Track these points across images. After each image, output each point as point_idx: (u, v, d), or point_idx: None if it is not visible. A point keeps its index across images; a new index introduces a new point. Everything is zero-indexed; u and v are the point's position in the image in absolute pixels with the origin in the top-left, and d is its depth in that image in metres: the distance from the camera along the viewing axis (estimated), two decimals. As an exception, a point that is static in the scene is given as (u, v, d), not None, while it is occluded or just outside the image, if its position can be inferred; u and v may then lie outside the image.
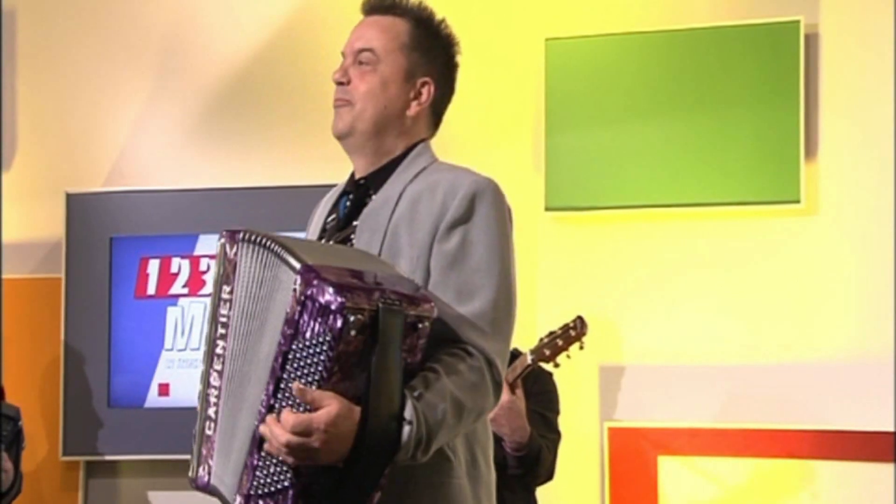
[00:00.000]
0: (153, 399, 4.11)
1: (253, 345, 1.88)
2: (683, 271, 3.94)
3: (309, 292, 1.73)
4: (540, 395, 3.25)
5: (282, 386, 1.78)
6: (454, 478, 1.94)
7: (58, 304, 4.19)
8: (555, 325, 3.25)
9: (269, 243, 1.87)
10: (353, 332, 1.72)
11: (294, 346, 1.76)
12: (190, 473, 2.00)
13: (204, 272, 4.11)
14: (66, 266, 4.20)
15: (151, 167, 4.36)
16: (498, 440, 3.05)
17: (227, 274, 1.96)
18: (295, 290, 1.75)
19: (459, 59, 2.20)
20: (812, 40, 3.88)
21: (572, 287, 3.98)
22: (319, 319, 1.72)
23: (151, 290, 4.14)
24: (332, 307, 1.71)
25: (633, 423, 3.92)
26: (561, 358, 3.18)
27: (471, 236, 1.98)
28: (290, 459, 1.76)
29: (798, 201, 3.81)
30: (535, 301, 3.93)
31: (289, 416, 1.74)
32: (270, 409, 1.79)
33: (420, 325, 1.79)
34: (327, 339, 1.73)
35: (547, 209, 4.00)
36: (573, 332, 3.16)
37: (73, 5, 4.47)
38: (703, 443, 3.82)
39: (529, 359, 3.12)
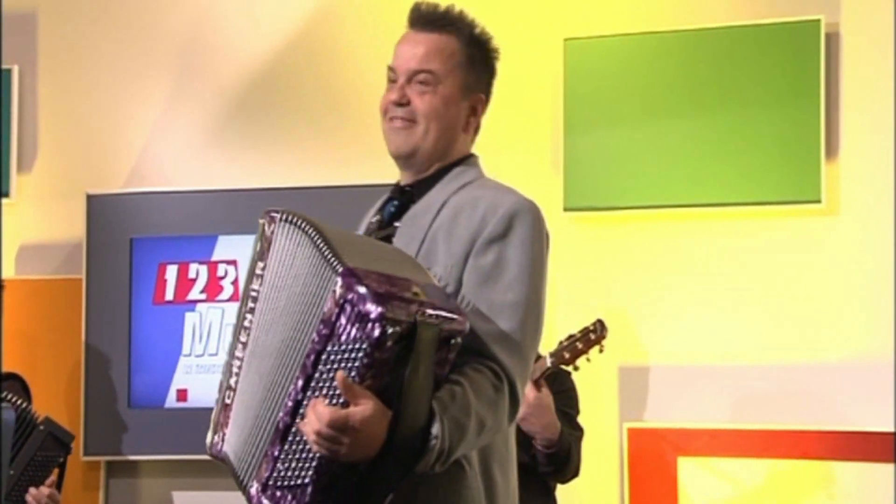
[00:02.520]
0: (173, 402, 4.13)
1: (277, 321, 1.93)
2: (703, 271, 3.92)
3: (350, 297, 1.77)
4: (560, 394, 3.25)
5: (312, 384, 1.82)
6: (467, 487, 1.96)
7: (79, 304, 4.20)
8: (574, 326, 3.25)
9: (307, 228, 1.92)
10: (389, 343, 1.76)
11: (329, 348, 1.80)
12: (206, 440, 2.06)
13: (221, 278, 4.13)
14: (87, 267, 4.22)
15: (171, 168, 4.38)
16: (528, 440, 3.06)
17: (262, 250, 2.02)
18: (335, 291, 1.79)
19: (498, 66, 2.24)
20: (833, 39, 3.87)
21: (591, 287, 3.97)
22: (357, 325, 1.76)
23: (170, 296, 4.16)
24: (372, 316, 1.75)
25: (653, 423, 3.91)
26: (580, 361, 3.18)
27: (506, 255, 2.00)
28: (318, 449, 1.79)
29: (819, 201, 3.79)
30: (554, 301, 3.91)
31: (325, 410, 1.77)
32: (298, 404, 1.82)
33: (452, 341, 1.84)
34: (363, 346, 1.76)
35: (566, 209, 4.00)
36: (593, 336, 3.16)
37: (94, 7, 4.49)
38: (723, 444, 3.81)
39: (549, 362, 3.13)
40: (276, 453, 1.85)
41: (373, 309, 1.75)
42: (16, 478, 3.20)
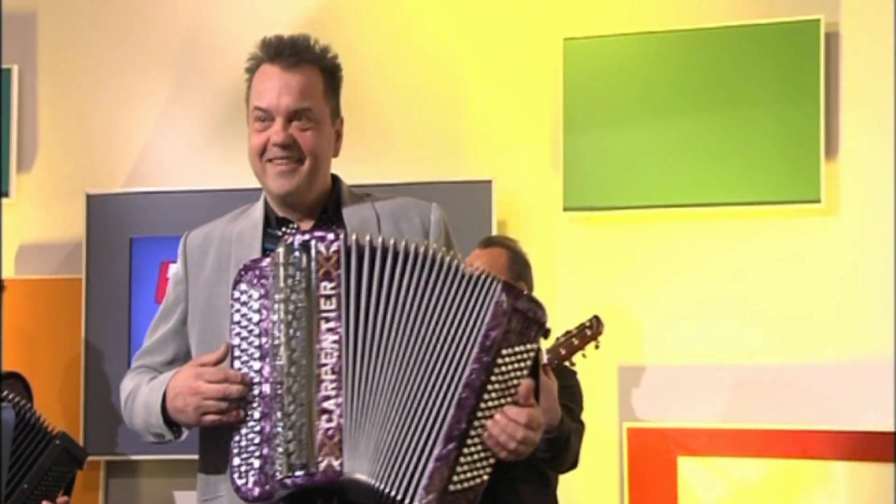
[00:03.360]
0: (173, 401, 4.12)
1: (401, 341, 1.99)
2: (702, 271, 3.93)
3: (518, 305, 2.00)
4: (563, 390, 3.26)
5: (489, 389, 1.98)
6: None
7: (79, 304, 4.21)
8: (572, 325, 3.25)
9: (423, 250, 2.04)
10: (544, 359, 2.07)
11: (503, 354, 1.98)
12: (281, 468, 1.95)
13: (223, 277, 4.12)
14: (87, 266, 4.22)
15: (171, 168, 4.38)
16: None
17: (326, 271, 2.00)
18: (501, 302, 1.99)
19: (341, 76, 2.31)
20: (832, 39, 3.87)
21: (591, 287, 3.97)
22: (528, 330, 2.01)
23: (171, 294, 4.15)
24: (543, 321, 2.02)
25: (653, 423, 3.91)
26: (577, 357, 3.19)
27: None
28: (516, 447, 1.97)
29: (818, 201, 3.80)
30: (553, 301, 3.93)
31: (520, 413, 1.98)
32: (473, 410, 1.96)
33: None
34: (532, 351, 2.00)
35: (565, 209, 4.00)
36: (589, 332, 3.18)
37: (94, 7, 4.49)
38: (722, 443, 3.81)
39: (545, 357, 3.13)
40: (453, 459, 1.94)
41: (542, 314, 2.00)
42: (29, 492, 3.20)
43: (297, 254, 2.00)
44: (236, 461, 2.01)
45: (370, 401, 1.96)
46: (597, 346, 3.19)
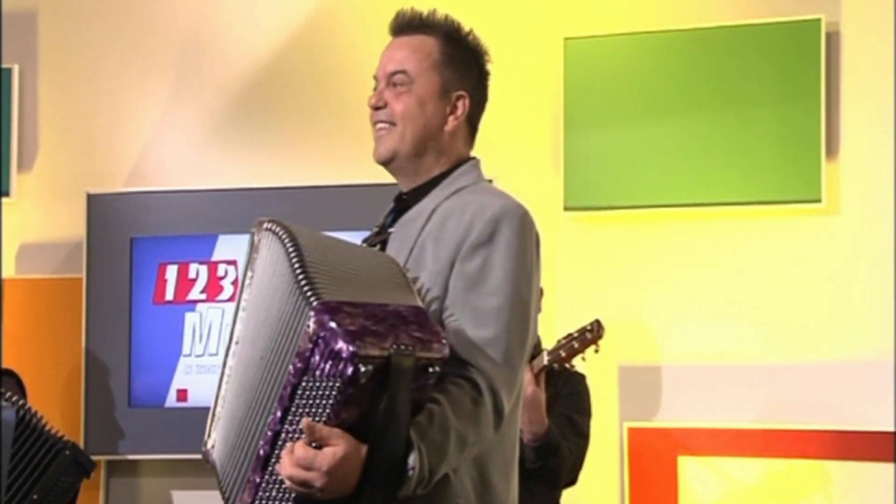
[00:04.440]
0: (173, 401, 4.13)
1: (260, 335, 1.93)
2: (703, 271, 3.93)
3: (322, 334, 1.74)
4: (570, 397, 3.26)
5: (289, 417, 1.80)
6: (454, 496, 1.92)
7: (79, 303, 4.21)
8: (573, 325, 3.26)
9: (286, 240, 1.88)
10: (363, 380, 1.73)
11: (304, 382, 1.77)
12: (203, 445, 2.09)
13: (221, 278, 4.13)
14: (87, 266, 4.22)
15: (172, 168, 4.38)
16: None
17: (252, 260, 2.02)
18: (309, 326, 1.76)
19: (490, 67, 2.21)
20: (833, 39, 3.87)
21: (591, 287, 3.97)
22: (331, 363, 1.73)
23: (170, 296, 4.16)
24: (344, 355, 1.72)
25: (653, 423, 3.91)
26: (577, 360, 3.20)
27: (491, 259, 1.97)
28: (293, 488, 1.79)
29: (819, 200, 3.80)
30: (553, 301, 3.92)
31: (298, 450, 1.76)
32: (277, 435, 1.81)
33: (431, 370, 1.79)
34: (337, 383, 1.74)
35: (566, 209, 4.00)
36: (589, 335, 3.17)
37: (94, 7, 4.49)
38: (722, 443, 3.81)
39: (546, 359, 3.14)
40: (258, 481, 1.85)
41: (345, 347, 1.71)
42: (39, 502, 3.21)
43: (250, 241, 2.04)
44: None
45: (235, 394, 2.00)
46: (596, 350, 3.19)
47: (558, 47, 4.04)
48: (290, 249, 1.85)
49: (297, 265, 1.82)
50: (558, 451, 3.11)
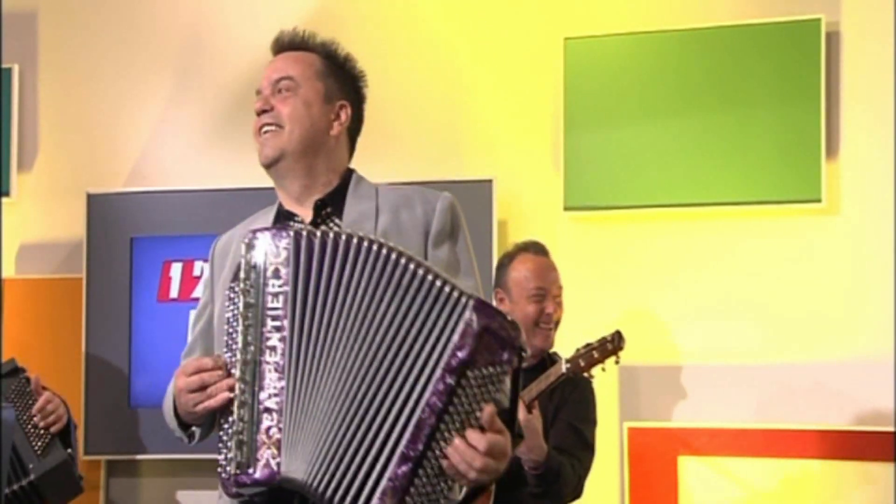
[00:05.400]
0: (173, 400, 4.13)
1: (353, 343, 1.93)
2: (703, 271, 3.93)
3: (490, 325, 1.87)
4: (577, 405, 3.24)
5: (450, 411, 1.88)
6: None
7: (79, 303, 4.21)
8: (572, 324, 3.26)
9: (389, 253, 1.94)
10: (521, 367, 1.90)
11: (468, 376, 1.86)
12: (226, 462, 1.97)
13: (225, 277, 4.13)
14: (88, 266, 4.22)
15: (172, 167, 4.38)
16: (518, 459, 3.05)
17: (276, 268, 1.99)
18: (471, 321, 1.87)
19: (366, 92, 2.33)
20: (833, 39, 3.87)
21: (591, 287, 3.97)
22: (500, 352, 1.87)
23: (174, 293, 4.16)
24: (515, 344, 1.88)
25: (653, 423, 3.91)
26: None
27: (457, 247, 2.19)
28: (474, 476, 1.87)
29: (819, 200, 3.80)
30: (554, 301, 3.92)
31: (480, 439, 1.86)
32: (432, 433, 1.87)
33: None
34: (504, 373, 1.89)
35: (566, 209, 4.00)
36: (610, 346, 3.15)
37: (94, 7, 4.50)
38: (723, 443, 3.81)
39: (564, 368, 3.12)
40: (407, 481, 1.86)
41: (515, 336, 1.88)
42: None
43: (254, 251, 2.01)
44: (220, 456, 2.01)
45: (312, 402, 1.93)
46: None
47: (558, 47, 4.04)
48: (404, 260, 1.93)
49: (421, 269, 1.92)
50: (560, 474, 3.08)
